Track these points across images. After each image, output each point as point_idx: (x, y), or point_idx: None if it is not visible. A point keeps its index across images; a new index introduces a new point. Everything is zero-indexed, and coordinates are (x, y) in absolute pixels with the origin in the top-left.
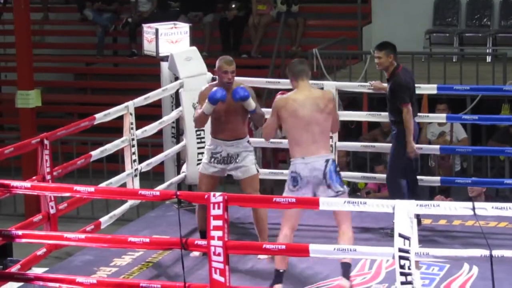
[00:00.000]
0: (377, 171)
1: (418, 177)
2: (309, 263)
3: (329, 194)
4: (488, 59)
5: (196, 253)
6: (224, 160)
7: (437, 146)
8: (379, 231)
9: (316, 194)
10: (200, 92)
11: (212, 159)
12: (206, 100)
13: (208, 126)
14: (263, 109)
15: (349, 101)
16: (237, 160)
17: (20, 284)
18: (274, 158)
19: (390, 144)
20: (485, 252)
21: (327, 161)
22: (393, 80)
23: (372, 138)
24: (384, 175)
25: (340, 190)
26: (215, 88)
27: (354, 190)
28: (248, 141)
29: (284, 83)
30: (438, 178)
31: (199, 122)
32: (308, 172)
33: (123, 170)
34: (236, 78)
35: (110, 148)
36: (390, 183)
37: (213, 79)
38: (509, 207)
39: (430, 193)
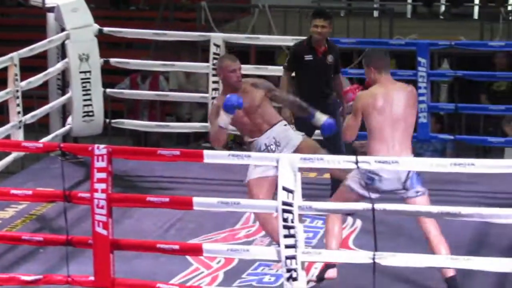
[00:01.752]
0: None
1: None
2: (195, 216)
3: (407, 195)
4: (376, 14)
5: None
6: (276, 146)
7: None
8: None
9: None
10: (215, 105)
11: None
12: (221, 112)
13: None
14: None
15: (237, 54)
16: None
17: None
18: (161, 111)
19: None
20: (367, 206)
21: None
22: (334, 49)
23: None
24: None
25: (420, 190)
26: (227, 96)
27: (240, 144)
28: (284, 124)
29: (172, 35)
30: None
31: (218, 139)
32: (389, 174)
33: (8, 122)
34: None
35: None
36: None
37: (100, 31)
38: (392, 160)
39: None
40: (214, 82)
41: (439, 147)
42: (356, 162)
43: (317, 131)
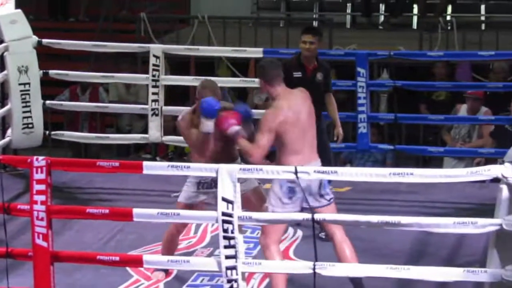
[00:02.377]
0: None
1: None
2: (135, 228)
3: (322, 203)
4: (315, 24)
5: None
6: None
7: (263, 111)
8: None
9: (304, 205)
10: (185, 119)
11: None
12: (202, 120)
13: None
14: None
15: (177, 65)
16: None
17: None
18: (101, 123)
19: None
20: (307, 216)
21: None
22: (323, 66)
23: None
24: None
25: (332, 197)
26: (202, 100)
27: (181, 155)
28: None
29: (111, 46)
30: None
31: (204, 147)
32: (305, 182)
33: None
34: None
35: None
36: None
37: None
38: (331, 171)
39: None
40: (154, 93)
41: (379, 157)
42: (296, 172)
43: None
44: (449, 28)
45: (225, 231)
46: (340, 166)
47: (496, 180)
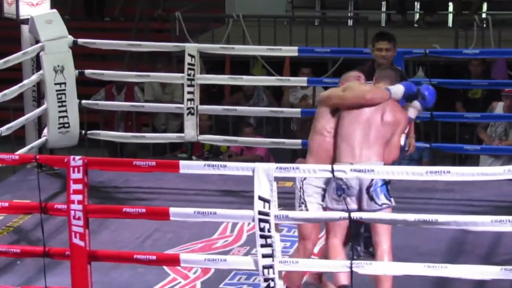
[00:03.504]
0: (245, 133)
1: (280, 140)
2: (172, 227)
3: (372, 208)
4: (350, 22)
5: None
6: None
7: (299, 110)
8: (239, 194)
9: (361, 206)
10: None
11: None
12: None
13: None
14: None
15: (212, 64)
16: None
17: None
18: (137, 122)
19: (252, 108)
20: (344, 214)
21: None
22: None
23: (235, 102)
24: (249, 138)
25: (385, 203)
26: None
27: (217, 154)
28: None
29: (146, 46)
30: (299, 141)
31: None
32: (353, 181)
33: None
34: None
35: None
36: None
37: (74, 43)
38: (367, 169)
39: (292, 156)
40: (189, 92)
41: (415, 156)
42: (332, 171)
43: None
44: (484, 25)
45: (261, 230)
46: None
47: None
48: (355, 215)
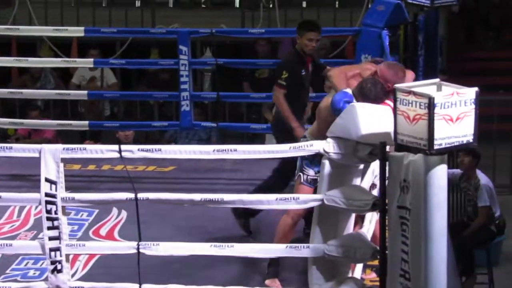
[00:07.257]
0: (32, 116)
1: (67, 122)
2: None
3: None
4: (138, 3)
5: None
6: None
7: (85, 92)
8: (26, 178)
9: None
10: None
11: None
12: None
13: None
14: None
15: None
16: None
17: None
18: None
19: (39, 91)
20: (130, 195)
21: None
22: (319, 62)
23: (22, 84)
24: (36, 120)
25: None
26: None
27: (5, 137)
28: None
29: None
30: (86, 122)
31: None
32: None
33: None
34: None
35: None
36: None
37: None
38: (155, 148)
39: (80, 139)
40: None
41: (204, 136)
42: (120, 151)
43: None
44: (271, 6)
45: (48, 212)
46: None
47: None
48: (142, 195)
